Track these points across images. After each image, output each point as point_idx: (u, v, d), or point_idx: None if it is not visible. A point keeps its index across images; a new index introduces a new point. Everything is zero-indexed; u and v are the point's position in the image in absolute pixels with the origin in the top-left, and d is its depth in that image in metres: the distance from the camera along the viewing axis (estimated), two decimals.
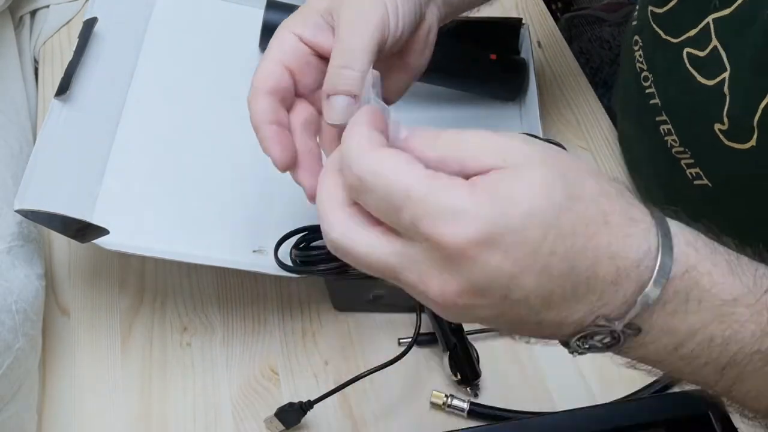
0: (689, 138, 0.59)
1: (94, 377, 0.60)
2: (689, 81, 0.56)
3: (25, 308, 0.55)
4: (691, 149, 0.59)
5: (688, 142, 0.59)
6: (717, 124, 0.54)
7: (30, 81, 0.78)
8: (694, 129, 0.58)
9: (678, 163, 0.60)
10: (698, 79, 0.55)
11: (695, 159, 0.58)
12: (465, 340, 0.59)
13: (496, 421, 0.58)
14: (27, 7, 0.83)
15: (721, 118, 0.53)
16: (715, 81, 0.54)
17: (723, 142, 0.54)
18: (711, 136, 0.54)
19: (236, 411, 0.59)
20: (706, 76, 0.55)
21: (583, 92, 0.79)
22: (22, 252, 0.57)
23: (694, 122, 0.57)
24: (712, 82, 0.54)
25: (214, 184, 0.63)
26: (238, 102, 0.68)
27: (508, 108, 0.76)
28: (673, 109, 0.60)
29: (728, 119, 0.53)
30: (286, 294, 0.65)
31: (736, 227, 0.48)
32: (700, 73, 0.55)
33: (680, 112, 0.59)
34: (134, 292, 0.65)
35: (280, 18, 0.63)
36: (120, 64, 0.67)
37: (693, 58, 0.56)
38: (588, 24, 0.98)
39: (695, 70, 0.56)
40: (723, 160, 0.55)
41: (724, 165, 0.55)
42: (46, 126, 0.58)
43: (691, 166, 0.59)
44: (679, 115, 0.60)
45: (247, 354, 0.62)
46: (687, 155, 0.59)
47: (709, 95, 0.54)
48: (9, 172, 0.61)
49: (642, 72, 0.63)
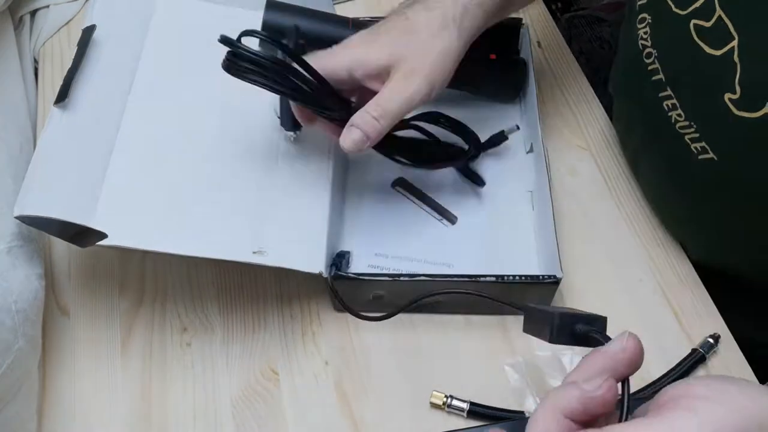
0: (696, 111, 0.59)
1: (94, 377, 0.60)
2: (696, 52, 0.56)
3: (25, 308, 0.55)
4: (697, 123, 0.59)
5: (694, 115, 0.59)
6: (728, 93, 0.54)
7: (30, 81, 0.78)
8: (702, 101, 0.58)
9: (682, 138, 0.60)
10: (705, 50, 0.56)
11: (700, 132, 0.59)
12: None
13: (496, 420, 0.58)
14: (27, 7, 0.83)
15: (732, 87, 0.54)
16: (723, 50, 0.54)
17: (733, 112, 0.54)
18: (720, 107, 0.55)
19: (236, 411, 0.59)
20: (713, 47, 0.55)
21: (583, 92, 0.79)
22: (22, 252, 0.57)
23: (701, 94, 0.57)
24: (719, 51, 0.54)
25: (215, 187, 0.63)
26: (238, 106, 0.68)
27: (508, 108, 0.76)
28: (678, 83, 0.60)
29: (740, 87, 0.53)
30: (286, 294, 0.65)
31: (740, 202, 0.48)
32: (707, 43, 0.56)
33: (687, 85, 0.60)
34: (134, 292, 0.65)
35: (279, 18, 0.63)
36: (119, 71, 0.67)
37: (699, 29, 0.56)
38: (588, 24, 0.98)
39: (702, 41, 0.56)
40: (731, 131, 0.55)
41: (731, 136, 0.56)
42: (46, 133, 0.59)
43: (696, 140, 0.59)
44: (685, 88, 0.60)
45: (247, 354, 0.62)
46: (692, 129, 0.59)
47: (718, 65, 0.54)
48: (9, 173, 0.61)
49: (645, 49, 0.63)
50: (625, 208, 0.70)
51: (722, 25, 0.54)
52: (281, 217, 0.62)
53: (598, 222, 0.69)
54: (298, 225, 0.62)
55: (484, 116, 0.75)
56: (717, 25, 0.54)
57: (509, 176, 0.71)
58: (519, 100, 0.76)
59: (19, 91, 0.74)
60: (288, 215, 0.62)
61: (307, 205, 0.63)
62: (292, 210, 0.63)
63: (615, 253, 0.67)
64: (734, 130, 0.54)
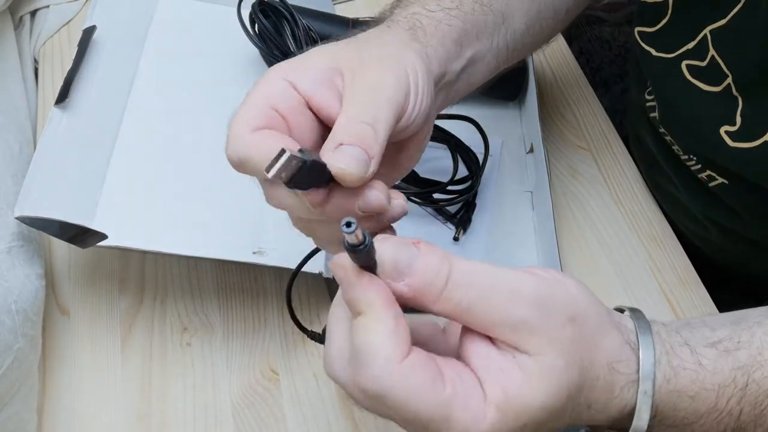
0: (692, 145, 0.59)
1: (94, 377, 0.60)
2: (691, 90, 0.56)
3: (25, 308, 0.55)
4: (696, 156, 0.59)
5: (691, 149, 0.59)
6: (725, 126, 0.54)
7: (30, 81, 0.78)
8: (696, 135, 0.58)
9: (688, 169, 0.61)
10: (701, 87, 0.56)
11: (702, 164, 0.59)
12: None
13: None
14: (27, 7, 0.83)
15: (732, 120, 0.54)
16: (721, 87, 0.54)
17: (728, 144, 0.54)
18: (715, 140, 0.55)
19: (236, 411, 0.59)
20: (709, 83, 0.56)
21: (583, 92, 0.79)
22: (22, 252, 0.57)
23: (695, 129, 0.58)
24: (717, 88, 0.55)
25: (215, 188, 0.63)
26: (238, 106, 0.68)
27: (508, 108, 0.76)
28: (670, 119, 0.61)
29: (742, 118, 0.53)
30: None
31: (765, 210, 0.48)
32: (702, 81, 0.56)
33: (679, 121, 0.60)
34: (134, 292, 0.65)
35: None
36: (119, 71, 0.67)
37: (693, 70, 0.57)
38: (588, 24, 0.98)
39: (696, 79, 0.56)
40: (731, 160, 0.55)
41: (732, 164, 0.56)
42: (46, 134, 0.59)
43: (700, 171, 0.59)
44: (678, 124, 0.60)
45: (247, 354, 0.62)
46: (694, 161, 0.60)
47: (717, 100, 0.55)
48: (9, 173, 0.61)
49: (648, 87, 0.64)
50: (625, 208, 0.70)
51: (715, 64, 0.54)
52: (281, 217, 0.62)
53: (598, 222, 0.69)
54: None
55: (484, 116, 0.75)
56: (711, 64, 0.55)
57: (509, 176, 0.71)
58: (519, 100, 0.76)
59: (19, 91, 0.74)
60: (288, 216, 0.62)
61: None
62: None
63: (615, 253, 0.67)
64: (733, 160, 0.55)
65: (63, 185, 0.58)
